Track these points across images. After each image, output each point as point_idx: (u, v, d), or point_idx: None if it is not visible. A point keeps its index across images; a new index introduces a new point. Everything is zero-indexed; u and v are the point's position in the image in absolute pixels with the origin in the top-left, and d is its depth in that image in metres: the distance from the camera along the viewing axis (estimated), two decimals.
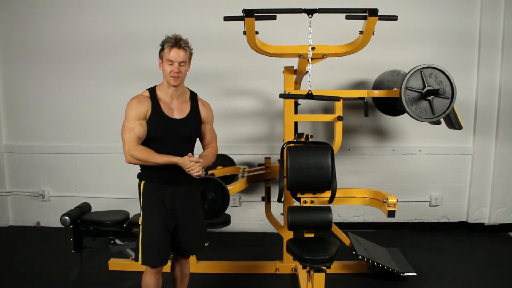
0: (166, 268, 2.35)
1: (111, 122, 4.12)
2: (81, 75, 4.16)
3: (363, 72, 4.02)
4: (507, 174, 4.14)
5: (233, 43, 3.45)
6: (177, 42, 2.15)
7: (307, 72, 2.84)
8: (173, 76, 2.16)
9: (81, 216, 3.29)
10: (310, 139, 3.38)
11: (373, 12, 2.58)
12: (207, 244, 2.47)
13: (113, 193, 4.20)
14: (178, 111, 2.26)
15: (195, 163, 2.15)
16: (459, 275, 3.26)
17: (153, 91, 2.25)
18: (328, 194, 2.76)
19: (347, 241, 3.27)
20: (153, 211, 2.24)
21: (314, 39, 2.74)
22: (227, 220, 3.44)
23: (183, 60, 2.16)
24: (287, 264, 3.28)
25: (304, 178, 2.71)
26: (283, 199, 2.93)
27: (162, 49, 2.18)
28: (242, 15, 2.59)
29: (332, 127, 3.29)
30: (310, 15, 2.64)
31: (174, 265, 2.52)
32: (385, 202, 2.69)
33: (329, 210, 2.65)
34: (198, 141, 2.41)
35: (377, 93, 3.36)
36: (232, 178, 3.60)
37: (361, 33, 2.77)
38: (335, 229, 3.27)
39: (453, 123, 3.29)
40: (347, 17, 2.66)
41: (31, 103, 4.25)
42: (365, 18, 2.62)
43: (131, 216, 3.36)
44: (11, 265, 3.44)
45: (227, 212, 3.07)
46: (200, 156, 2.34)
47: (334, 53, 2.93)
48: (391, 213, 2.67)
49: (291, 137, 3.09)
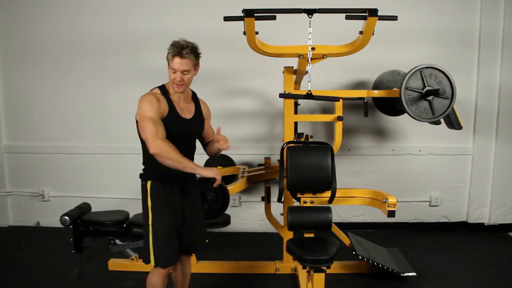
0: None
1: (111, 122, 4.14)
2: (81, 75, 4.16)
3: (363, 72, 4.02)
4: (507, 174, 4.14)
5: (233, 43, 3.45)
6: (180, 51, 2.08)
7: (307, 72, 2.84)
8: (176, 84, 2.14)
9: (81, 216, 3.29)
10: (310, 139, 3.39)
11: (373, 12, 2.58)
12: (207, 241, 2.48)
13: (113, 193, 4.20)
14: (186, 111, 2.27)
15: (227, 141, 2.32)
16: (459, 275, 3.26)
17: (165, 91, 2.21)
18: (328, 194, 2.76)
19: (347, 241, 3.27)
20: (164, 211, 2.21)
21: (314, 39, 2.74)
22: (227, 220, 3.45)
23: (186, 69, 2.11)
24: (287, 264, 3.28)
25: (304, 178, 2.71)
26: (283, 199, 2.93)
27: (168, 54, 2.14)
28: (242, 15, 2.59)
29: (332, 127, 3.29)
30: (310, 15, 2.64)
31: (175, 265, 2.51)
32: (385, 202, 2.69)
33: (329, 210, 2.65)
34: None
35: (377, 93, 3.36)
36: (232, 178, 3.60)
37: (361, 33, 2.77)
38: (335, 229, 3.27)
39: (453, 123, 3.28)
40: (347, 17, 2.65)
41: (31, 103, 4.25)
42: (365, 18, 2.62)
43: (131, 216, 3.36)
44: (11, 265, 3.44)
45: (227, 212, 3.07)
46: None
47: (334, 53, 2.93)
48: (391, 213, 2.67)
49: (291, 137, 3.09)
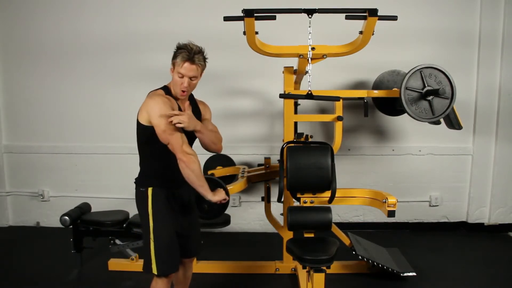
0: None
1: (111, 122, 4.14)
2: (81, 75, 4.16)
3: (363, 72, 4.02)
4: (507, 174, 4.14)
5: (233, 43, 3.45)
6: (192, 56, 2.00)
7: (307, 72, 2.84)
8: (181, 89, 2.07)
9: (81, 216, 3.29)
10: (310, 139, 3.38)
11: (373, 12, 2.57)
12: (202, 242, 2.50)
13: (113, 193, 4.20)
14: (188, 110, 2.24)
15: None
16: (459, 275, 3.26)
17: (169, 92, 2.14)
18: (328, 194, 2.76)
19: (347, 241, 3.27)
20: (165, 218, 2.16)
21: (314, 39, 2.74)
22: (227, 220, 3.45)
23: (194, 75, 2.04)
24: (287, 264, 3.28)
25: (304, 178, 2.71)
26: (283, 199, 2.93)
27: (175, 57, 2.04)
28: (242, 15, 2.58)
29: (332, 127, 3.29)
30: (310, 15, 2.63)
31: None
32: (385, 202, 2.69)
33: (329, 210, 2.65)
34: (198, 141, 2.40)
35: (377, 93, 3.36)
36: (232, 178, 3.60)
37: (361, 33, 2.77)
38: (335, 229, 3.27)
39: (453, 123, 3.28)
40: (347, 17, 2.65)
41: (31, 103, 4.25)
42: (365, 18, 2.62)
43: (131, 216, 3.35)
44: (11, 265, 3.44)
45: (227, 212, 3.06)
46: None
47: (334, 53, 2.92)
48: (391, 213, 2.67)
49: (291, 137, 3.09)
